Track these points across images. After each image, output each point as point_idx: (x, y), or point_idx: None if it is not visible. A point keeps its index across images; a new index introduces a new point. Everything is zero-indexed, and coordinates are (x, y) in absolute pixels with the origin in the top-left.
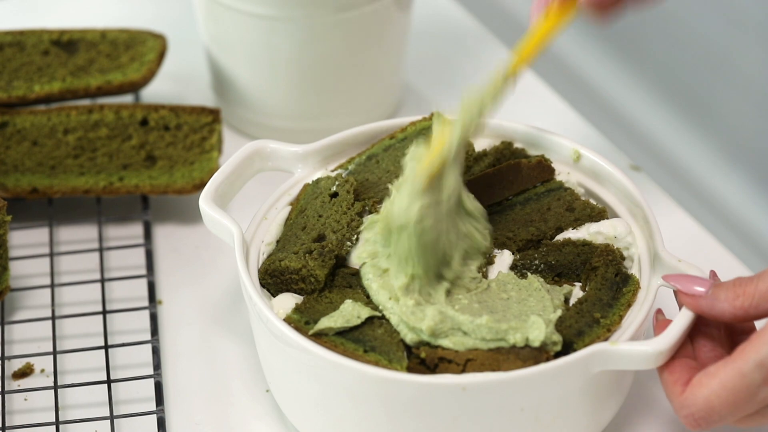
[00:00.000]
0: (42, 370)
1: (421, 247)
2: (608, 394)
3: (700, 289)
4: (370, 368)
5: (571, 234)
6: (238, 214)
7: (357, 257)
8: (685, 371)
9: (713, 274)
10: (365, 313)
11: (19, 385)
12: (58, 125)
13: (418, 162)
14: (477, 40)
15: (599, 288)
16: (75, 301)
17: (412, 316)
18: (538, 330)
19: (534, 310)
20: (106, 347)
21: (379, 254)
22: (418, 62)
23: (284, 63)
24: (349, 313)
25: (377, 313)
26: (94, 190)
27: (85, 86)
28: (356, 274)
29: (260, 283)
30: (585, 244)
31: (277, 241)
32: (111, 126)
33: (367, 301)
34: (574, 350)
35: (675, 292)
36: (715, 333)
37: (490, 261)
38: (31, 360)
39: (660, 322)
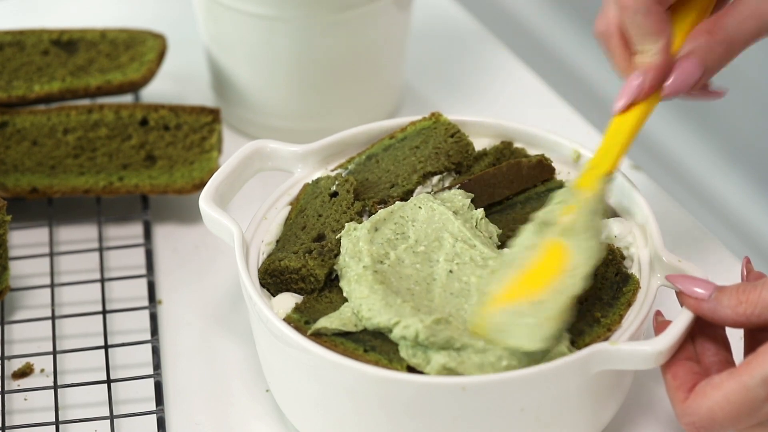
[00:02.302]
0: (42, 370)
1: None
2: (608, 394)
3: (702, 292)
4: (370, 368)
5: None
6: (238, 214)
7: (337, 268)
8: (688, 376)
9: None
10: (363, 324)
11: (18, 385)
12: (58, 125)
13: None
14: (477, 40)
15: (599, 287)
16: (75, 301)
17: (414, 359)
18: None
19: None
20: (106, 347)
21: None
22: (418, 62)
23: (284, 63)
24: (347, 318)
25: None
26: (93, 189)
27: (84, 86)
28: None
29: (260, 283)
30: None
31: (277, 241)
32: (111, 126)
33: None
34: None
35: (677, 293)
36: (718, 334)
37: None
38: (31, 360)
39: (660, 323)
